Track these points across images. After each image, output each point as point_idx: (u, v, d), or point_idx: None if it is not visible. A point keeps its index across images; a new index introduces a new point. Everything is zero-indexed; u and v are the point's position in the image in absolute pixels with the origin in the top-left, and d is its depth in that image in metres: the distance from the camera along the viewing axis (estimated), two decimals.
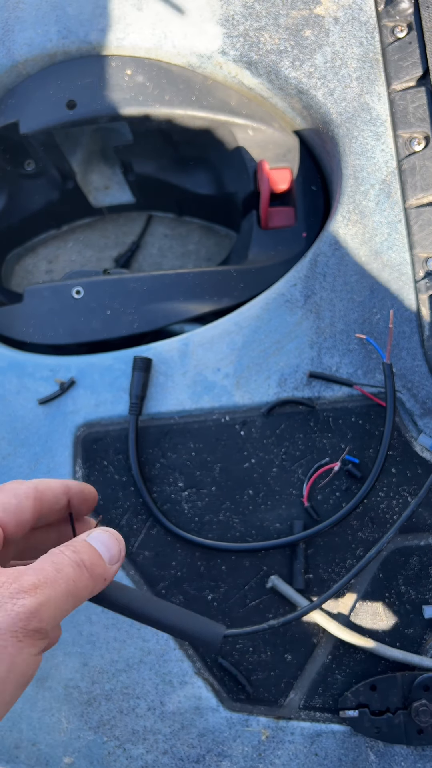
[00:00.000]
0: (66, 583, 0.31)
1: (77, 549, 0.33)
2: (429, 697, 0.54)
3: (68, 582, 0.31)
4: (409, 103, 0.65)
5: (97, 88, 0.72)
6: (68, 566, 0.32)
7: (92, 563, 0.33)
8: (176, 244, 0.92)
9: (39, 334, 0.71)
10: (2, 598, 0.28)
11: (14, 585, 0.29)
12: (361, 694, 0.55)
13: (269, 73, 0.69)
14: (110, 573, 0.35)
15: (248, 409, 0.63)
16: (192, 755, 0.57)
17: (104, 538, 0.36)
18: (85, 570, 0.32)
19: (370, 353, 0.62)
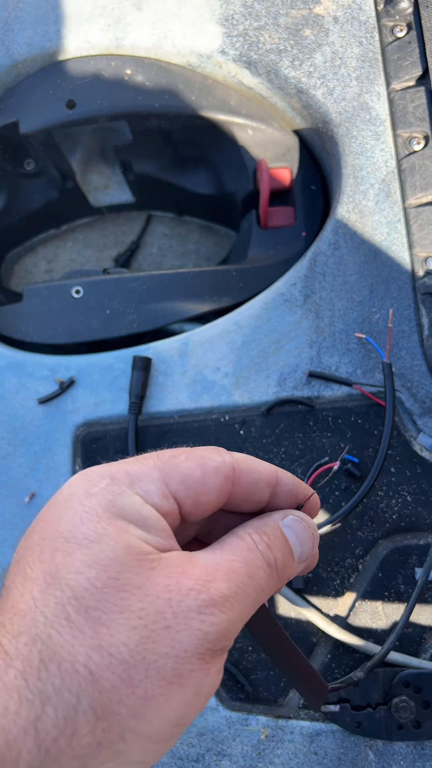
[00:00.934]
0: (256, 593, 0.26)
1: (271, 542, 0.28)
2: (409, 694, 0.54)
3: (258, 591, 0.26)
4: (408, 102, 0.65)
5: (97, 87, 0.72)
6: (261, 569, 0.27)
7: (284, 564, 0.28)
8: (176, 243, 0.92)
9: (39, 333, 0.71)
10: (189, 610, 0.23)
11: (203, 595, 0.24)
12: (343, 689, 0.55)
13: (269, 73, 0.69)
14: (296, 573, 0.30)
15: (247, 408, 0.63)
16: (191, 754, 0.57)
17: (299, 529, 0.30)
18: (275, 573, 0.27)
19: (370, 353, 0.62)
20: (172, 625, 0.23)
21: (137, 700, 0.22)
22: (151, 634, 0.23)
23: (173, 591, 0.24)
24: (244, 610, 0.25)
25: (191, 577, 0.24)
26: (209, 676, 0.24)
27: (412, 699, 0.54)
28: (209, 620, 0.23)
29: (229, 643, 0.24)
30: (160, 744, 0.23)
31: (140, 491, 0.26)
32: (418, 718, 0.54)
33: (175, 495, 0.27)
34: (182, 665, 0.23)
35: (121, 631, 0.22)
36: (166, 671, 0.22)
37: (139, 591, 0.23)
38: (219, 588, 0.24)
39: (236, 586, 0.25)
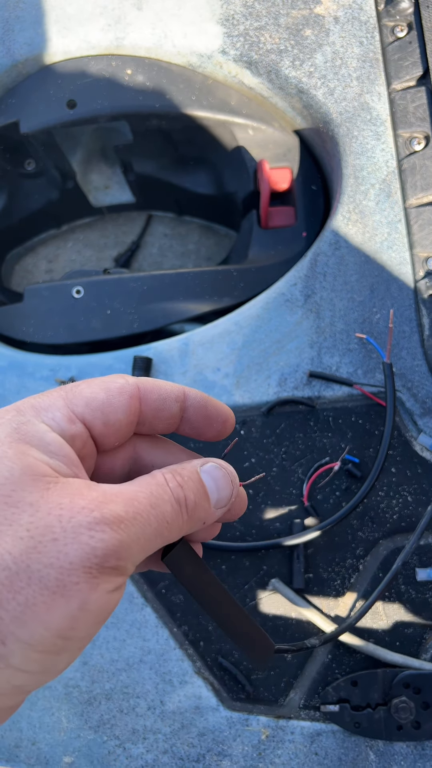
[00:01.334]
0: (158, 523, 0.26)
1: (184, 482, 0.28)
2: (409, 694, 0.54)
3: (161, 521, 0.26)
4: (409, 102, 0.65)
5: (97, 87, 0.72)
6: (167, 503, 0.27)
7: (195, 504, 0.28)
8: (176, 243, 0.92)
9: (39, 333, 0.71)
10: (78, 526, 0.24)
11: (95, 513, 0.24)
12: (342, 689, 0.55)
13: (269, 73, 0.69)
14: (211, 518, 0.30)
15: (248, 408, 0.63)
16: (192, 754, 0.57)
17: (218, 475, 0.30)
18: (185, 511, 0.28)
19: (370, 353, 0.62)
20: (60, 538, 0.23)
21: (17, 605, 0.23)
22: (37, 545, 0.23)
23: (65, 508, 0.24)
24: (142, 536, 0.25)
25: (86, 497, 0.25)
26: (96, 592, 0.24)
27: (412, 700, 0.54)
28: (98, 536, 0.24)
29: (123, 564, 0.24)
30: (43, 654, 0.23)
31: (46, 419, 0.27)
32: (417, 719, 0.54)
33: (82, 418, 0.28)
34: (66, 576, 0.23)
35: (7, 541, 0.23)
36: (49, 580, 0.23)
37: (30, 507, 0.24)
38: (114, 509, 0.25)
39: (135, 511, 0.25)
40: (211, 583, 0.32)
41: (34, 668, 0.24)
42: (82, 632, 0.24)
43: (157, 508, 0.26)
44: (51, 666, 0.24)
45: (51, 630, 0.23)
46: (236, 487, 0.31)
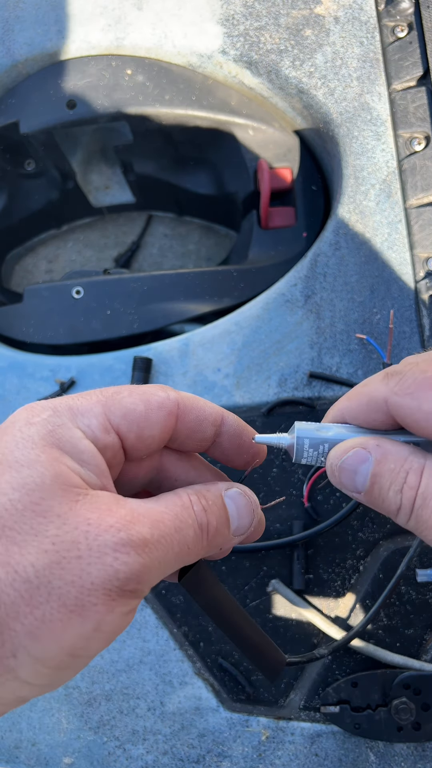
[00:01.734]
0: (180, 548, 0.26)
1: (208, 507, 0.28)
2: (409, 695, 0.54)
3: (183, 546, 0.26)
4: (409, 102, 0.65)
5: (97, 88, 0.72)
6: (191, 528, 0.26)
7: (216, 531, 0.28)
8: (176, 243, 0.92)
9: (39, 334, 0.71)
10: (104, 545, 0.23)
11: (122, 534, 0.24)
12: (343, 690, 0.55)
13: (269, 73, 0.69)
14: (228, 544, 0.29)
15: (248, 409, 0.63)
16: (192, 755, 0.57)
17: (241, 503, 0.30)
18: (206, 536, 0.27)
19: (371, 353, 0.62)
20: (84, 556, 0.23)
21: (34, 620, 0.22)
22: (61, 561, 0.23)
23: (93, 524, 0.24)
24: (164, 560, 0.25)
25: (115, 515, 0.24)
26: (113, 614, 0.24)
27: (412, 701, 0.54)
28: (123, 558, 0.23)
29: (141, 588, 0.24)
30: (51, 670, 0.23)
31: (81, 425, 0.27)
32: (417, 720, 0.54)
33: (117, 429, 0.28)
34: (86, 596, 0.23)
35: (31, 553, 0.23)
36: (68, 599, 0.23)
37: (58, 519, 0.23)
38: (140, 531, 0.24)
39: (160, 534, 0.25)
40: (225, 600, 0.32)
41: (41, 682, 0.24)
42: (92, 651, 0.24)
43: (181, 533, 0.26)
44: (56, 680, 0.24)
45: (63, 648, 0.23)
46: (257, 516, 0.30)
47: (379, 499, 0.28)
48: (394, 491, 0.27)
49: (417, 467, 0.27)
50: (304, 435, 0.30)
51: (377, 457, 0.27)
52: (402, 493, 0.27)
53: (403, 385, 0.27)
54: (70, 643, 0.23)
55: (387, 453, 0.27)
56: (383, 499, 0.27)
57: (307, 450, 0.30)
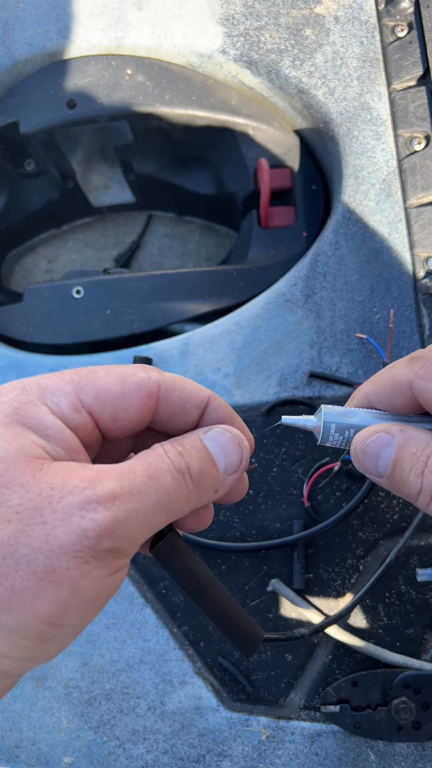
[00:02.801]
0: (158, 494, 0.24)
1: (185, 450, 0.27)
2: (409, 695, 0.54)
3: (161, 493, 0.24)
4: (409, 102, 0.65)
5: (97, 87, 0.72)
6: (166, 473, 0.25)
7: (200, 471, 0.27)
8: (176, 243, 0.92)
9: (39, 333, 0.71)
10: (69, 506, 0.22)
11: (87, 491, 0.22)
12: (343, 690, 0.55)
13: (269, 73, 0.69)
14: (224, 485, 0.28)
15: (248, 408, 0.63)
16: (192, 755, 0.57)
17: (223, 440, 0.28)
18: (188, 479, 0.26)
19: (371, 353, 0.62)
20: (50, 520, 0.22)
21: (4, 591, 0.22)
22: (25, 528, 0.22)
23: (56, 488, 0.23)
24: (141, 510, 0.23)
25: (79, 476, 0.23)
26: (89, 578, 0.22)
27: (412, 700, 0.54)
28: (89, 516, 0.22)
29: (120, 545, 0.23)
30: (30, 641, 0.22)
31: (50, 403, 0.26)
32: (417, 720, 0.54)
33: (89, 409, 0.27)
34: (55, 561, 0.22)
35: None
36: (37, 565, 0.22)
37: (20, 488, 0.23)
38: (107, 485, 0.23)
39: (130, 485, 0.23)
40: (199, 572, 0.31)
41: (21, 655, 0.23)
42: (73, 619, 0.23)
43: (156, 479, 0.25)
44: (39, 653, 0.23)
45: (39, 617, 0.22)
46: (245, 449, 0.29)
47: (400, 483, 0.28)
48: (414, 474, 0.27)
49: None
50: (331, 420, 0.30)
51: (400, 442, 0.28)
52: (423, 477, 0.27)
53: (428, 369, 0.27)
54: (46, 611, 0.22)
55: (409, 438, 0.28)
56: (404, 483, 0.27)
57: (333, 434, 0.30)
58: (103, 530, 0.22)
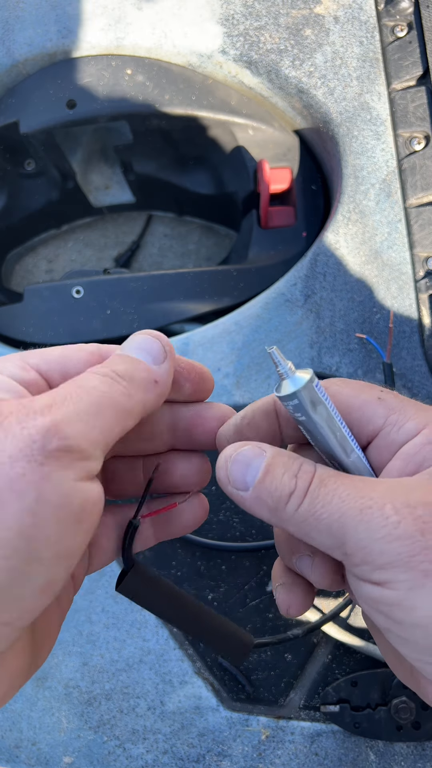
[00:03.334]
0: (90, 395, 0.25)
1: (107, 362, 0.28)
2: (409, 694, 0.54)
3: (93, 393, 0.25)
4: (409, 102, 0.65)
5: (97, 87, 0.72)
6: (93, 380, 0.26)
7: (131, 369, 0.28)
8: (176, 243, 0.92)
9: (39, 333, 0.71)
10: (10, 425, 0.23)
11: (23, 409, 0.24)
12: (343, 690, 0.55)
13: (269, 73, 0.69)
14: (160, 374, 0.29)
15: None
16: (192, 755, 0.57)
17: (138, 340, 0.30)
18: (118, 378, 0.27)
19: (371, 353, 0.62)
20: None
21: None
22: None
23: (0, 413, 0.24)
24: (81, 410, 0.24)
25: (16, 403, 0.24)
26: (51, 481, 0.23)
27: (412, 700, 0.54)
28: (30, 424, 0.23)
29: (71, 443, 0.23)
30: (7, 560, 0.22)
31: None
32: (417, 719, 0.54)
33: (36, 368, 0.28)
34: (8, 470, 0.22)
35: None
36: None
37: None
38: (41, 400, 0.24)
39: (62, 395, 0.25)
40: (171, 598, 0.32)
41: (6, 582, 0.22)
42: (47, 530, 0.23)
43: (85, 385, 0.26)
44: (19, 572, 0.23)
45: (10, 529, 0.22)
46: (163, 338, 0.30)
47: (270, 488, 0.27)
48: (288, 476, 0.27)
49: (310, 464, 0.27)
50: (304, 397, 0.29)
51: (272, 453, 0.28)
52: (297, 477, 0.27)
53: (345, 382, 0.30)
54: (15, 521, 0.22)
55: (281, 451, 0.28)
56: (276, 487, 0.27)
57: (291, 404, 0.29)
58: (46, 430, 0.23)
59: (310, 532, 0.26)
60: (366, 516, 0.24)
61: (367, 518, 0.24)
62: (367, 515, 0.24)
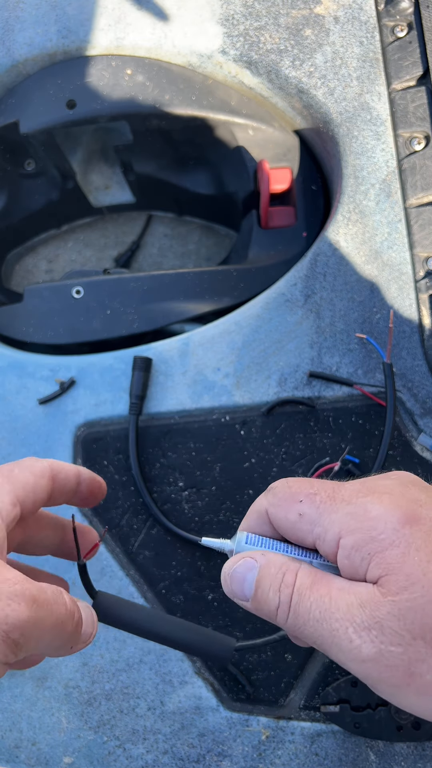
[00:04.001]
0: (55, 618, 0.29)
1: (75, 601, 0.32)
2: None
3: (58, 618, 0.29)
4: (409, 102, 0.65)
5: (97, 87, 0.72)
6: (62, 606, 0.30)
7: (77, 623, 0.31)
8: (176, 243, 0.92)
9: (39, 333, 0.71)
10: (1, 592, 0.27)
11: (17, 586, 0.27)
12: (343, 690, 0.55)
13: (269, 73, 0.69)
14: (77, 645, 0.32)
15: (248, 408, 0.63)
16: (192, 755, 0.57)
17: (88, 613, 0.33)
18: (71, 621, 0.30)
19: (371, 353, 0.62)
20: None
21: None
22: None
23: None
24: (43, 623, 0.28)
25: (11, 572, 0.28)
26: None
27: None
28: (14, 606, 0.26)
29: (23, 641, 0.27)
30: None
31: None
32: (417, 719, 0.54)
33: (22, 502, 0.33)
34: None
35: None
36: None
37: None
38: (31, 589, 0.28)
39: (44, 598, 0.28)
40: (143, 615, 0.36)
41: None
42: None
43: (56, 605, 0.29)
44: None
45: None
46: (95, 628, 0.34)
47: (262, 602, 0.31)
48: (273, 591, 0.30)
49: (293, 569, 0.31)
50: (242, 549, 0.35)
51: (262, 564, 0.31)
52: (280, 592, 0.30)
53: (275, 498, 0.33)
54: None
55: (270, 561, 0.31)
56: (265, 601, 0.31)
57: None
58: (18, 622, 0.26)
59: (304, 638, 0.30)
60: (336, 639, 0.28)
61: (337, 641, 0.28)
62: (336, 638, 0.28)
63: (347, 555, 0.29)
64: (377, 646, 0.26)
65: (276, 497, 0.33)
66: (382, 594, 0.27)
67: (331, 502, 0.31)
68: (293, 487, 0.33)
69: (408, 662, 0.26)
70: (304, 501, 0.31)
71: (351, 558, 0.29)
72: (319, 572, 0.30)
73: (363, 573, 0.29)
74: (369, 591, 0.28)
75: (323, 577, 0.30)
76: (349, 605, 0.28)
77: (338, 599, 0.28)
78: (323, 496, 0.31)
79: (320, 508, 0.31)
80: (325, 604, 0.28)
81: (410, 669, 0.26)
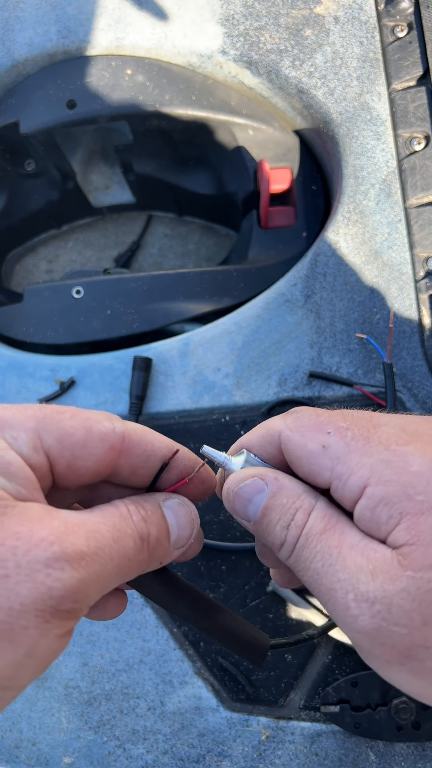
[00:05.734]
0: (120, 560, 0.24)
1: (147, 516, 0.26)
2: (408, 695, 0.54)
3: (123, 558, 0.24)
4: (409, 102, 0.65)
5: (97, 87, 0.72)
6: (130, 538, 0.25)
7: (157, 541, 0.27)
8: (176, 243, 0.92)
9: (39, 333, 0.71)
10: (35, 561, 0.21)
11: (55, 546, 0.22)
12: (343, 690, 0.55)
13: (269, 73, 0.69)
14: (169, 558, 0.28)
15: (248, 408, 0.63)
16: (192, 755, 0.57)
17: (181, 512, 0.28)
18: (146, 548, 0.26)
19: (371, 353, 0.62)
20: (13, 574, 0.21)
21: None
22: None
23: (23, 539, 0.21)
24: (103, 575, 0.23)
25: (47, 527, 0.22)
26: (47, 638, 0.21)
27: (412, 700, 0.54)
28: (56, 575, 0.21)
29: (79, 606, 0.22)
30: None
31: (8, 437, 0.25)
32: (417, 720, 0.54)
33: (48, 451, 0.26)
34: (15, 619, 0.21)
35: None
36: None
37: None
38: (75, 542, 0.22)
39: (97, 545, 0.23)
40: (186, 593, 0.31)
41: None
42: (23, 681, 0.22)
43: (120, 543, 0.24)
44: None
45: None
46: (197, 526, 0.29)
47: (266, 531, 0.27)
48: (281, 526, 0.27)
49: (307, 506, 0.27)
50: None
51: (272, 490, 0.27)
52: (288, 530, 0.27)
53: (297, 423, 0.28)
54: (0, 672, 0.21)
55: (282, 487, 0.27)
56: (270, 532, 0.27)
57: None
58: (68, 591, 0.22)
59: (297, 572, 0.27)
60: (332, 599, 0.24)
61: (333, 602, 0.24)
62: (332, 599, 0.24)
63: (372, 507, 0.24)
64: (377, 622, 0.23)
65: (298, 422, 0.28)
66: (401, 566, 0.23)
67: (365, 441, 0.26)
68: (322, 416, 0.27)
69: (409, 645, 0.23)
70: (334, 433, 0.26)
71: (376, 512, 0.24)
72: (335, 517, 0.26)
73: (386, 533, 0.24)
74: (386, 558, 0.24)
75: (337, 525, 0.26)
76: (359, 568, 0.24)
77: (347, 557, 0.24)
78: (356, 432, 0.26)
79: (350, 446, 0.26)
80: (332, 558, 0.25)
81: (409, 651, 0.23)
